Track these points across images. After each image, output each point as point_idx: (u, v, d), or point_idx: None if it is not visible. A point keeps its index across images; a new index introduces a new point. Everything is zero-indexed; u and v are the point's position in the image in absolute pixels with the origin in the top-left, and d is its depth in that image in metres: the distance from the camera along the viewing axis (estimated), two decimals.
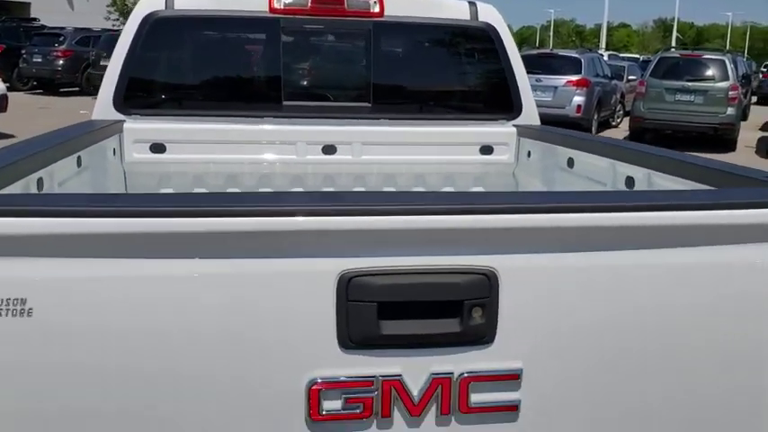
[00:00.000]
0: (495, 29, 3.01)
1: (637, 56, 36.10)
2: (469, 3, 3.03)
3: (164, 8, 2.80)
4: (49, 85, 18.80)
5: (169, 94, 2.96)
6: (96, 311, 1.19)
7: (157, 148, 2.83)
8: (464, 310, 1.24)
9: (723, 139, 12.72)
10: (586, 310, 1.30)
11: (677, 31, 62.89)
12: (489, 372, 1.27)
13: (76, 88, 18.49)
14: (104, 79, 2.89)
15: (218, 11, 2.87)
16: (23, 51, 18.52)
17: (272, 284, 1.22)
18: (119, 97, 2.80)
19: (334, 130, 2.93)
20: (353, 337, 1.22)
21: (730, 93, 12.78)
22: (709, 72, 13.25)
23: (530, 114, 3.08)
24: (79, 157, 2.26)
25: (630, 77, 17.91)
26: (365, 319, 1.22)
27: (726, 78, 12.92)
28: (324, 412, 1.23)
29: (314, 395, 1.23)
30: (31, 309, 1.16)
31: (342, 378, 1.23)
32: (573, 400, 1.32)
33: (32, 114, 13.11)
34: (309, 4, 2.85)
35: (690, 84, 13.05)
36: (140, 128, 2.83)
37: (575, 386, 1.31)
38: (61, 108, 14.30)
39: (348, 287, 1.21)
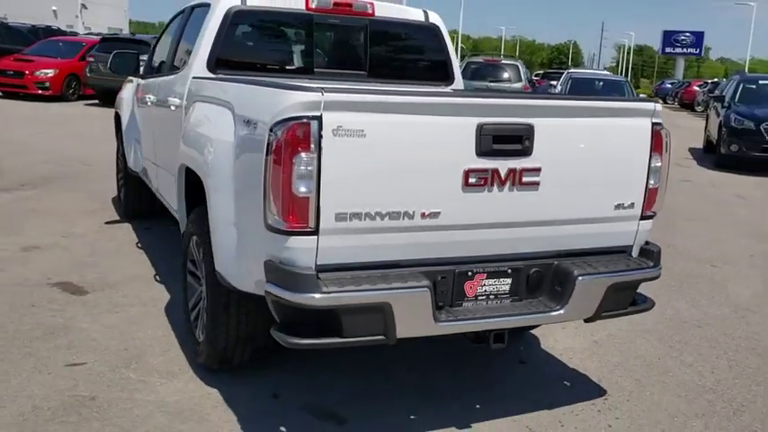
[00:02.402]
0: (439, 27, 4.82)
1: None
2: (424, 11, 4.81)
3: (239, 3, 4.26)
4: None
5: (243, 60, 4.42)
6: (391, 135, 2.78)
7: None
8: (523, 140, 2.99)
9: None
10: (567, 141, 3.11)
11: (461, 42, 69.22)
12: (531, 167, 3.03)
13: None
14: (194, 52, 4.27)
15: (273, 7, 4.39)
16: None
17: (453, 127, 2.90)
18: (211, 62, 4.21)
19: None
20: (482, 151, 2.93)
21: (523, 91, 15.74)
22: (506, 74, 16.17)
23: (458, 82, 4.93)
24: None
25: None
26: (486, 142, 2.93)
27: (519, 80, 15.91)
28: (470, 181, 2.93)
29: (465, 174, 2.92)
30: (364, 132, 2.73)
31: (476, 167, 2.93)
32: (563, 181, 3.11)
33: None
34: (331, 6, 4.46)
35: (492, 83, 15.85)
36: None
37: (566, 175, 3.11)
38: None
39: (481, 129, 2.91)
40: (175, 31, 5.14)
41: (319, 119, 2.68)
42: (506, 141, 2.97)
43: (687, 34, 60.49)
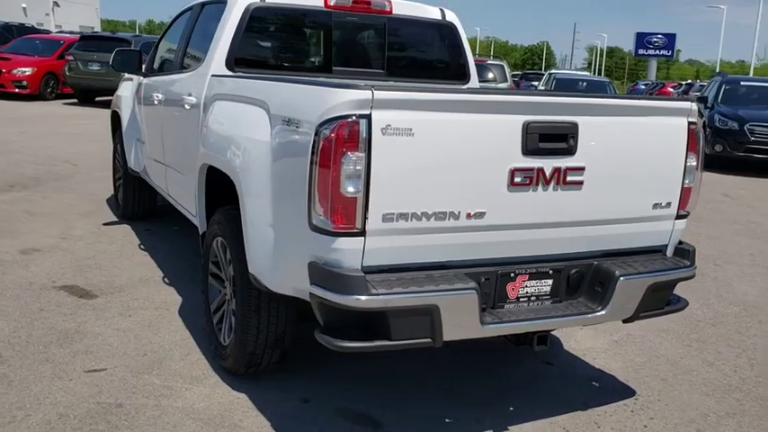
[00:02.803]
0: (456, 25, 4.77)
1: None
2: (440, 9, 4.76)
3: (258, 1, 4.18)
4: None
5: (261, 58, 4.33)
6: (438, 134, 2.72)
7: None
8: (568, 138, 2.95)
9: None
10: (609, 140, 3.07)
11: None
12: (575, 167, 2.99)
13: None
14: (211, 50, 4.17)
15: (291, 4, 4.30)
16: None
17: (499, 125, 2.85)
18: (230, 60, 4.11)
19: None
20: (528, 149, 2.88)
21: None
22: (492, 74, 16.16)
23: (474, 81, 4.88)
24: None
25: None
26: (533, 141, 2.88)
27: (505, 80, 15.90)
28: (516, 180, 2.88)
29: (511, 173, 2.87)
30: (412, 131, 2.67)
31: (522, 166, 2.89)
32: (604, 181, 3.08)
33: None
34: (350, 3, 4.39)
35: (480, 83, 15.81)
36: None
37: (607, 174, 3.07)
38: None
39: (528, 127, 2.87)
40: (183, 29, 5.02)
41: (368, 117, 2.61)
42: (552, 140, 2.93)
43: (659, 36, 61.30)
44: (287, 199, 2.96)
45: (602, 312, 3.13)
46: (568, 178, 2.99)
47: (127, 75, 6.44)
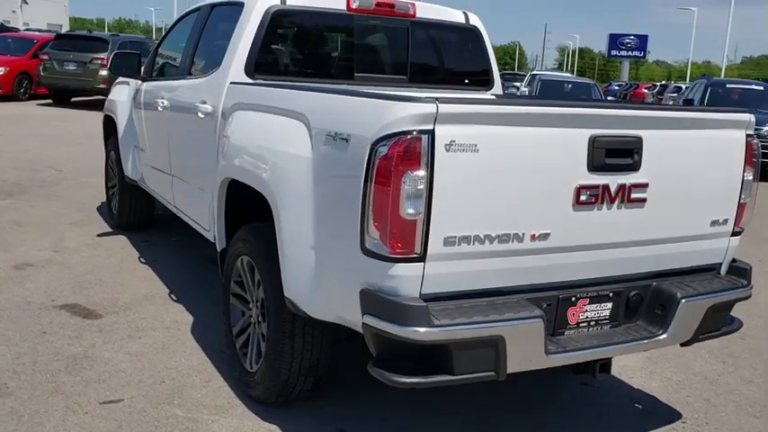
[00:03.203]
0: (480, 29, 4.57)
1: None
2: (464, 12, 4.55)
3: (279, 3, 3.93)
4: None
5: (282, 64, 4.08)
6: (504, 150, 2.52)
7: None
8: (633, 153, 2.77)
9: None
10: (671, 155, 2.89)
11: None
12: (639, 183, 2.81)
13: None
14: (228, 55, 3.92)
15: (313, 7, 4.06)
16: None
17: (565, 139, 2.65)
18: (250, 66, 3.86)
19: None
20: (594, 165, 2.69)
21: None
22: None
23: (498, 87, 4.69)
24: None
25: None
26: (599, 156, 2.69)
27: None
28: (581, 198, 2.69)
29: (577, 191, 2.68)
30: (477, 147, 2.46)
31: (588, 183, 2.70)
32: (666, 198, 2.90)
33: None
34: (373, 6, 4.17)
35: None
36: None
37: (669, 191, 2.89)
38: None
39: (594, 142, 2.68)
40: (190, 31, 4.75)
41: (431, 133, 2.39)
42: (618, 155, 2.74)
43: (632, 37, 61.86)
44: (333, 220, 2.74)
45: (664, 336, 2.95)
46: (632, 195, 2.81)
47: (121, 78, 6.12)
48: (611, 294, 2.92)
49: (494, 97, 4.54)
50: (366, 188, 2.48)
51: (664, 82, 44.19)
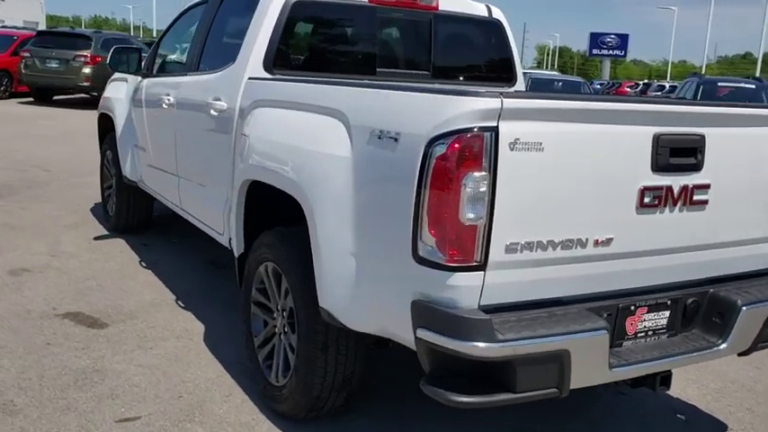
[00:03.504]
0: (503, 23, 4.39)
1: None
2: (487, 5, 4.37)
3: None
4: None
5: (302, 58, 3.86)
6: (569, 148, 2.33)
7: None
8: (696, 152, 2.59)
9: None
10: (733, 154, 2.72)
11: None
12: (701, 184, 2.63)
13: None
14: (244, 49, 3.70)
15: None
16: None
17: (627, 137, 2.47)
18: (269, 61, 3.64)
19: None
20: (658, 165, 2.51)
21: None
22: None
23: (521, 83, 4.51)
24: None
25: None
26: (663, 156, 2.52)
27: None
28: (645, 201, 2.51)
29: (641, 193, 2.50)
30: (542, 145, 2.27)
31: (652, 184, 2.52)
32: (728, 199, 2.73)
33: None
34: None
35: None
36: None
37: (731, 192, 2.72)
38: None
39: (658, 140, 2.50)
40: (199, 25, 4.51)
41: (495, 130, 2.20)
42: (682, 154, 2.57)
43: (613, 36, 62.11)
44: (378, 225, 2.54)
45: (724, 346, 2.78)
46: (694, 197, 2.64)
47: (118, 75, 5.86)
48: (668, 302, 2.75)
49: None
50: (420, 191, 2.28)
51: (646, 81, 44.40)
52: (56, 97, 18.15)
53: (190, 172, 4.37)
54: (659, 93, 30.66)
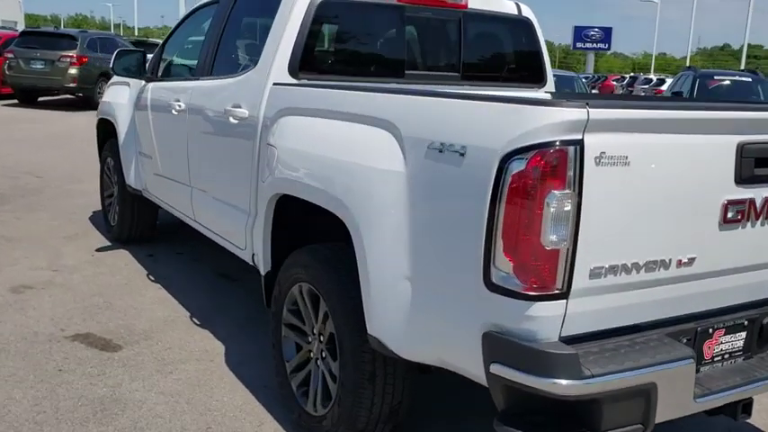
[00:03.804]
0: (533, 21, 4.17)
1: None
2: (516, 3, 4.15)
3: None
4: None
5: (328, 62, 3.62)
6: (654, 162, 2.12)
7: None
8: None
9: None
10: None
11: None
12: None
13: None
14: (267, 52, 3.46)
15: None
16: None
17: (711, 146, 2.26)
18: (294, 65, 3.40)
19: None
20: (742, 177, 2.31)
21: None
22: None
23: (550, 85, 4.30)
24: None
25: None
26: (747, 166, 2.31)
27: None
28: (728, 216, 2.31)
29: (724, 208, 2.29)
30: (628, 159, 2.06)
31: (736, 198, 2.32)
32: None
33: None
34: None
35: None
36: None
37: None
38: None
39: (742, 150, 2.29)
40: (211, 26, 4.25)
41: (580, 143, 1.99)
42: (766, 164, 2.37)
43: (597, 30, 62.14)
44: (439, 247, 2.31)
45: None
46: None
47: (118, 78, 5.58)
48: (745, 323, 2.55)
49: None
50: (494, 211, 2.06)
51: (632, 74, 44.45)
52: (41, 99, 17.75)
53: (205, 183, 4.12)
54: (647, 86, 30.54)
